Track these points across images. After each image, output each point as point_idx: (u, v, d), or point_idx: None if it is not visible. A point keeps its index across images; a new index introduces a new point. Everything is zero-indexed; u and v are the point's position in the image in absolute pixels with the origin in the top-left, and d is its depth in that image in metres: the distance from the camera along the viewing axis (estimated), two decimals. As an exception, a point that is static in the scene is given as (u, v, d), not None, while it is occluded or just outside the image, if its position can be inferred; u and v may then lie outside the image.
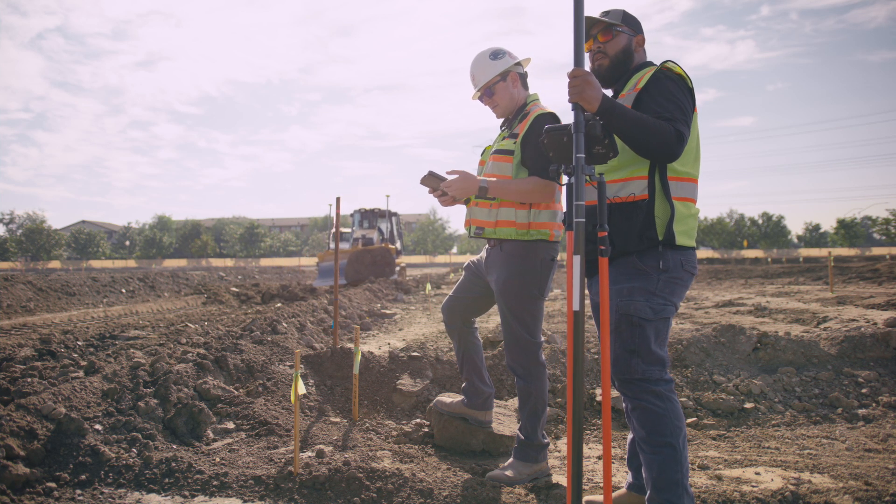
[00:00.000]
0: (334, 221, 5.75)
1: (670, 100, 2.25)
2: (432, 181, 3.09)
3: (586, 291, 2.25)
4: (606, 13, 2.50)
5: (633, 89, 2.38)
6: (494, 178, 3.02)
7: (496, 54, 3.15)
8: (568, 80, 2.07)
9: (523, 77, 3.22)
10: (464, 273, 3.38)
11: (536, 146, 2.92)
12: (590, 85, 2.07)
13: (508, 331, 3.05)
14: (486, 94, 3.18)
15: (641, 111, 2.25)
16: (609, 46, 2.47)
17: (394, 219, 22.55)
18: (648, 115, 2.20)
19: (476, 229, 3.12)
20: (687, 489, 2.23)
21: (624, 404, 2.38)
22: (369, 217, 22.05)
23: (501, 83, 3.14)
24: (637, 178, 2.32)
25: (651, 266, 2.29)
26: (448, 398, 3.61)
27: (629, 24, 2.50)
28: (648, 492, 2.25)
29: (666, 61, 2.37)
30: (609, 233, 2.25)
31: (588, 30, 2.49)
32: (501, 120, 3.29)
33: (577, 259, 2.00)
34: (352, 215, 22.52)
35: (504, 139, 3.12)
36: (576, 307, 1.97)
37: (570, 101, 2.07)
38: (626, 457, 2.72)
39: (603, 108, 2.11)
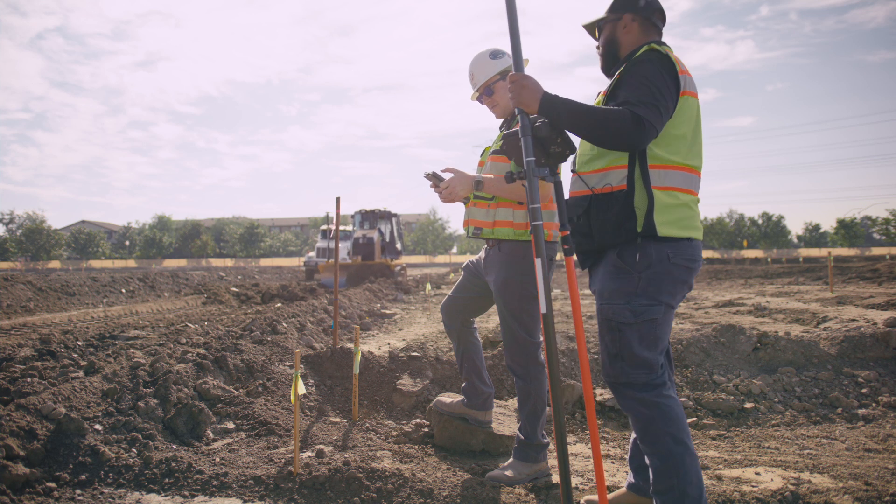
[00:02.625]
0: (334, 221, 5.75)
1: (641, 82, 2.09)
2: (435, 178, 3.12)
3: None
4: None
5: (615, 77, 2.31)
6: (491, 177, 3.02)
7: (496, 54, 3.16)
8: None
9: (523, 77, 3.22)
10: (463, 273, 3.38)
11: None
12: (524, 87, 2.07)
13: (507, 331, 3.05)
14: (486, 93, 3.19)
15: (616, 100, 2.15)
16: (601, 42, 2.47)
17: (394, 220, 23.01)
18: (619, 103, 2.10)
19: (474, 230, 3.12)
20: (686, 489, 2.23)
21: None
22: (370, 218, 22.56)
23: (501, 82, 3.15)
24: (616, 167, 2.20)
25: (630, 263, 2.18)
26: (448, 398, 3.61)
27: (615, 8, 2.40)
28: (652, 490, 2.26)
29: (652, 41, 2.26)
30: (589, 227, 2.26)
31: (593, 35, 2.54)
32: (501, 121, 3.29)
33: (538, 262, 2.06)
34: (353, 216, 23.07)
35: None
36: (543, 310, 2.04)
37: (512, 107, 2.09)
38: (626, 456, 2.72)
39: (542, 107, 2.09)
